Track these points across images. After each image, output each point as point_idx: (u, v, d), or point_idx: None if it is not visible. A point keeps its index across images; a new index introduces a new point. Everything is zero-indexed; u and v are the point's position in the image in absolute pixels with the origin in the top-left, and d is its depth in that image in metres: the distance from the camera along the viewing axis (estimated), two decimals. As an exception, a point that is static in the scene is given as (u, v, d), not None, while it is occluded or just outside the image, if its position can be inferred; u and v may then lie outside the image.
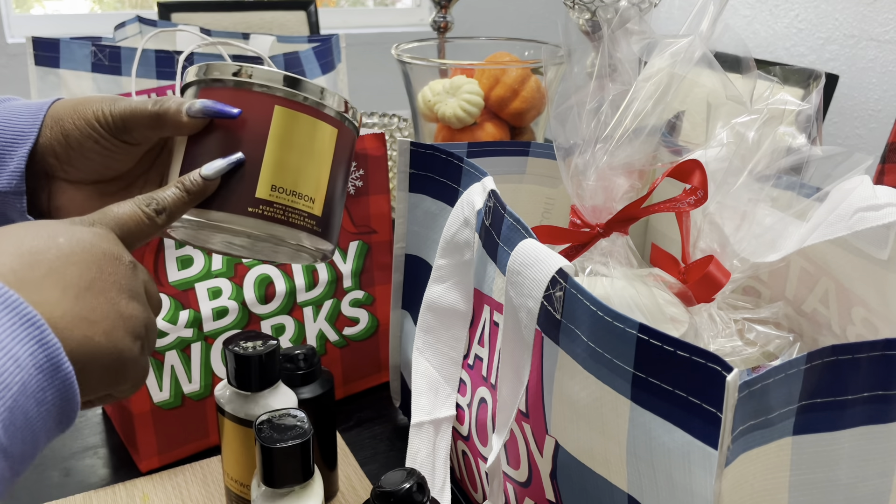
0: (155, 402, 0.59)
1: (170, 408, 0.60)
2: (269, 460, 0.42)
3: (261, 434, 0.42)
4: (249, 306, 0.62)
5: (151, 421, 0.59)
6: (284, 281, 0.63)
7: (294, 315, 0.65)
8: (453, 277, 0.53)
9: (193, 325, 0.59)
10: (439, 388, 0.54)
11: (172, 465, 0.61)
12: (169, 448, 0.61)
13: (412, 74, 0.99)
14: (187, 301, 0.59)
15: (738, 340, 0.48)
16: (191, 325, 0.59)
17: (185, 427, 0.61)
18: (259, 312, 0.63)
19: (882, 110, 1.85)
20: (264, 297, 0.62)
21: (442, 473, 0.52)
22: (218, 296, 0.60)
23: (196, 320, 0.59)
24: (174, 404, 0.60)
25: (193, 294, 0.59)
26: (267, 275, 0.63)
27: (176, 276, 0.59)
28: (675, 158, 0.56)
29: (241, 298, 0.61)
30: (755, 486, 0.34)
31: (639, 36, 0.53)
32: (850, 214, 0.42)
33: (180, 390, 0.60)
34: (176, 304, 0.58)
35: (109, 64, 1.05)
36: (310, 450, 0.43)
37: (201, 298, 0.60)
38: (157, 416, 0.59)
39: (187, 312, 0.59)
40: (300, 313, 0.65)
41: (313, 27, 1.96)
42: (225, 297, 0.61)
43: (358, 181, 0.66)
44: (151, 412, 0.59)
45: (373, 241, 0.68)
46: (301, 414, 0.44)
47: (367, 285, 0.69)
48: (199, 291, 0.60)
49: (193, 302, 0.59)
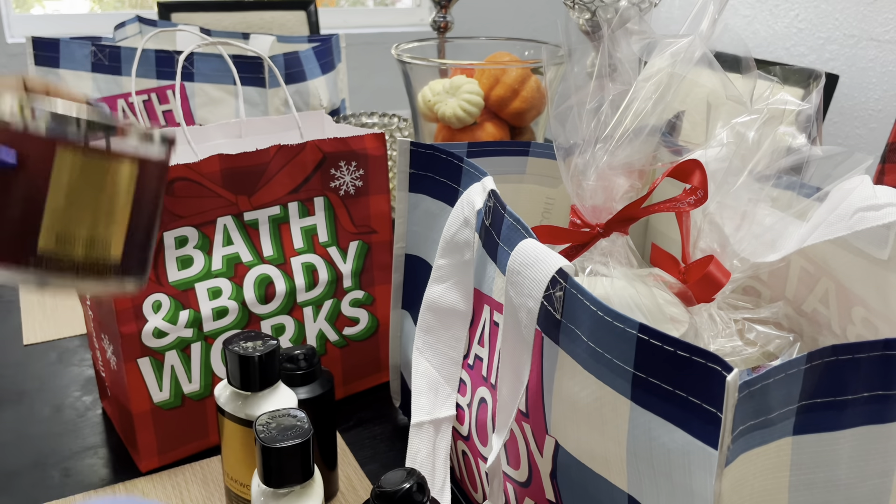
0: (155, 402, 0.59)
1: (170, 408, 0.60)
2: (269, 460, 0.42)
3: (261, 434, 0.42)
4: (249, 306, 0.62)
5: (151, 421, 0.59)
6: (284, 281, 0.63)
7: (294, 315, 0.65)
8: (453, 277, 0.53)
9: (193, 325, 0.59)
10: (439, 388, 0.54)
11: (172, 466, 0.61)
12: (169, 448, 0.61)
13: (412, 74, 0.99)
14: (187, 301, 0.59)
15: (738, 340, 0.48)
16: (191, 325, 0.59)
17: (185, 427, 0.61)
18: (259, 312, 0.63)
19: (882, 110, 1.85)
20: (264, 297, 0.62)
21: (442, 473, 0.52)
22: (218, 296, 0.60)
23: (196, 320, 0.59)
24: (174, 404, 0.60)
25: (193, 294, 0.59)
26: (267, 275, 0.63)
27: (176, 276, 0.59)
28: (675, 158, 0.56)
29: (241, 298, 0.61)
30: (755, 486, 0.34)
31: (639, 36, 0.53)
32: (850, 214, 0.42)
33: (180, 390, 0.60)
34: (176, 304, 0.58)
35: (109, 64, 1.05)
36: (310, 450, 0.43)
37: (201, 298, 0.60)
38: (156, 415, 0.59)
39: (187, 312, 0.59)
40: (300, 313, 0.65)
41: (313, 27, 1.96)
42: (225, 297, 0.61)
43: (358, 181, 0.66)
44: (151, 412, 0.59)
45: (373, 241, 0.68)
46: (301, 414, 0.44)
47: (367, 285, 0.69)
48: (199, 291, 0.59)
49: (193, 302, 0.59)
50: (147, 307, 0.57)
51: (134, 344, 0.57)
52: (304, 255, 0.65)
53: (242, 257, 0.62)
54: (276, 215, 0.63)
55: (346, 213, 0.66)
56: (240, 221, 0.61)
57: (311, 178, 0.64)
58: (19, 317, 0.84)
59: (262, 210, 0.62)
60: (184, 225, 0.58)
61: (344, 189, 0.66)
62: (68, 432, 0.65)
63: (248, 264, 0.62)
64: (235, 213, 0.61)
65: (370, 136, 0.66)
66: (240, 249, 0.62)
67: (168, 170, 0.42)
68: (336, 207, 0.66)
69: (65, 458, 0.62)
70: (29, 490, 0.58)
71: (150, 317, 0.57)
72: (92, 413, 0.67)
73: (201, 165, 0.58)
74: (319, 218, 0.65)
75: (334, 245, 0.66)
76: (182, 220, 0.58)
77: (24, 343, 0.78)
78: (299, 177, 0.63)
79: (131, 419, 0.59)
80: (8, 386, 0.71)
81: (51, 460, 0.61)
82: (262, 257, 0.63)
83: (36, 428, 0.65)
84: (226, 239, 0.61)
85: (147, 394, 0.59)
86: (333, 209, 0.66)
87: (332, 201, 0.65)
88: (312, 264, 0.65)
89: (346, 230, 0.67)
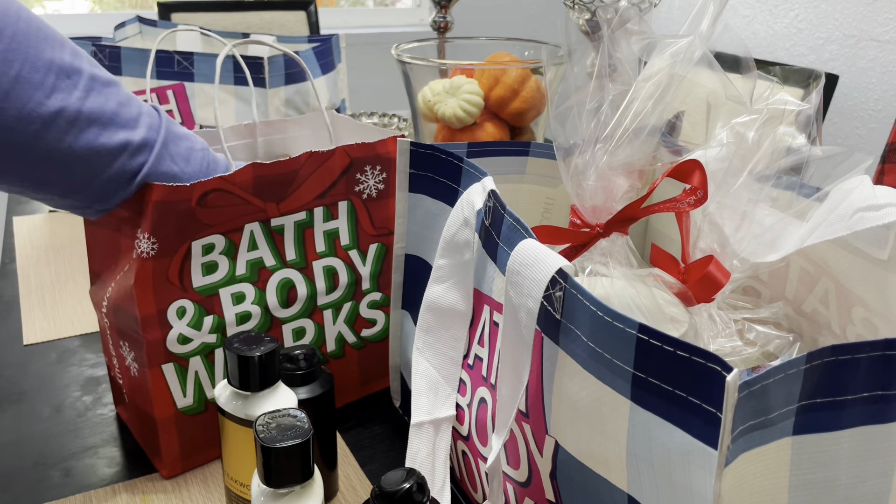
0: (179, 408, 0.59)
1: (193, 413, 0.60)
2: (269, 460, 0.42)
3: (260, 434, 0.42)
4: (272, 310, 0.62)
5: (175, 427, 0.59)
6: (306, 284, 0.63)
7: (314, 318, 0.65)
8: (453, 277, 0.53)
9: (217, 330, 0.59)
10: (439, 387, 0.54)
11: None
12: (192, 453, 0.60)
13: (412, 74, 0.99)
14: (211, 307, 0.58)
15: (738, 340, 0.48)
16: (215, 331, 0.59)
17: (208, 432, 0.61)
18: (281, 316, 0.62)
19: (882, 110, 1.85)
20: (286, 300, 0.62)
21: (442, 473, 0.52)
22: (241, 301, 0.60)
23: (220, 325, 0.59)
24: (197, 410, 0.60)
25: (217, 300, 0.59)
26: (289, 279, 0.62)
27: (200, 281, 0.58)
28: (675, 158, 0.56)
29: (264, 303, 0.61)
30: (755, 486, 0.34)
31: (639, 36, 0.53)
32: (850, 214, 0.42)
33: (204, 395, 0.60)
34: (200, 309, 0.58)
35: (109, 64, 1.05)
36: (310, 450, 0.43)
37: (225, 304, 0.59)
38: (180, 421, 0.59)
39: (211, 318, 0.58)
40: (320, 316, 0.65)
41: (313, 27, 1.96)
42: (248, 301, 0.60)
43: (380, 184, 0.66)
44: (175, 418, 0.59)
45: (390, 243, 0.68)
46: (301, 414, 0.44)
47: (384, 287, 0.69)
48: (222, 297, 0.59)
49: (217, 307, 0.59)
50: (171, 313, 0.56)
51: (158, 350, 0.56)
52: (325, 259, 0.64)
53: (266, 262, 0.61)
54: (301, 220, 0.63)
55: (368, 216, 0.66)
56: (266, 227, 0.61)
57: (337, 183, 0.63)
58: (19, 317, 0.84)
59: (290, 216, 0.62)
60: (213, 233, 0.57)
61: (367, 192, 0.66)
62: (68, 432, 0.65)
63: (272, 268, 0.61)
64: (263, 219, 0.60)
65: (392, 139, 0.66)
66: (264, 254, 0.61)
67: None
68: (358, 211, 0.66)
69: (65, 458, 0.62)
70: (29, 490, 0.58)
71: (175, 323, 0.57)
72: (92, 413, 0.67)
73: (235, 176, 0.57)
74: (342, 221, 0.65)
75: (355, 248, 0.66)
76: (211, 228, 0.57)
77: (24, 343, 0.78)
78: (327, 182, 0.63)
79: (154, 425, 0.58)
80: (8, 386, 0.71)
81: (51, 460, 0.61)
82: (285, 261, 0.62)
83: (36, 428, 0.65)
84: (251, 244, 0.60)
85: (171, 400, 0.58)
86: (356, 212, 0.66)
87: (355, 205, 0.65)
88: (333, 267, 0.65)
89: (366, 233, 0.67)
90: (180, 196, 0.54)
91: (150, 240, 0.54)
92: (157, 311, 0.56)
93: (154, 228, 0.54)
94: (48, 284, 0.90)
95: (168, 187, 0.53)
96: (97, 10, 2.47)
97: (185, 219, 0.55)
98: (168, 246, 0.55)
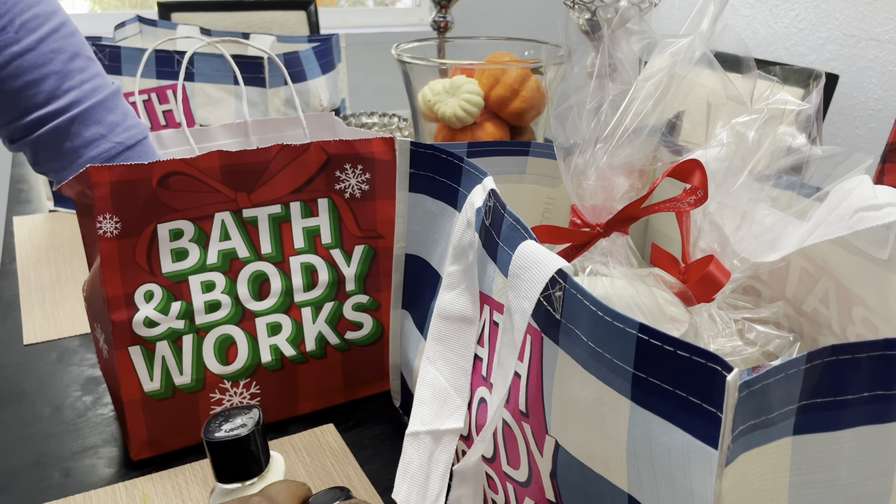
0: (146, 392, 0.59)
1: (161, 398, 0.60)
2: (217, 457, 0.43)
3: (207, 432, 0.43)
4: (243, 302, 0.62)
5: (142, 410, 0.60)
6: (281, 279, 0.63)
7: (291, 314, 0.65)
8: (463, 283, 0.52)
9: (185, 316, 0.60)
10: (447, 399, 0.52)
11: (165, 457, 0.61)
12: (160, 438, 0.61)
13: (412, 74, 0.99)
14: (180, 293, 0.59)
15: (738, 340, 0.48)
16: (182, 317, 0.59)
17: (177, 419, 0.61)
18: (254, 309, 0.63)
19: (882, 110, 1.85)
20: (258, 293, 0.63)
21: (437, 487, 0.50)
22: (211, 289, 0.61)
23: (188, 312, 0.60)
24: (165, 395, 0.60)
25: (187, 286, 0.60)
26: (262, 272, 0.63)
27: (170, 267, 0.59)
28: (675, 158, 0.56)
29: (235, 293, 0.62)
30: (755, 486, 0.34)
31: (639, 36, 0.53)
32: (850, 214, 0.42)
33: (171, 381, 0.60)
34: (168, 294, 0.59)
35: (109, 64, 1.05)
36: (257, 444, 0.44)
37: (194, 291, 0.60)
38: (147, 405, 0.60)
39: (179, 304, 0.59)
40: (298, 313, 0.65)
41: (313, 27, 1.96)
42: (218, 290, 0.61)
43: (364, 185, 0.66)
44: (142, 401, 0.59)
45: (379, 247, 0.68)
46: (254, 411, 0.45)
47: (372, 290, 0.68)
48: (192, 284, 0.60)
49: (186, 294, 0.60)
50: (139, 296, 0.58)
51: (124, 332, 0.58)
52: (303, 255, 0.65)
53: (239, 253, 0.62)
54: (276, 214, 0.63)
55: (352, 217, 0.66)
56: (238, 218, 0.61)
57: (314, 179, 0.64)
58: (19, 317, 0.84)
59: (263, 208, 0.62)
60: (179, 218, 0.59)
61: (349, 192, 0.66)
62: (68, 432, 0.65)
63: (245, 260, 0.62)
64: (234, 209, 0.61)
65: (378, 139, 0.66)
66: (237, 245, 0.62)
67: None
68: (341, 210, 0.66)
69: (65, 458, 0.62)
70: (29, 490, 0.58)
71: (142, 306, 0.58)
72: (92, 413, 0.67)
73: (199, 161, 0.59)
74: (323, 219, 0.65)
75: (338, 248, 0.66)
76: (177, 213, 0.59)
77: (24, 343, 0.78)
78: (302, 177, 0.63)
79: (122, 407, 0.60)
80: (8, 386, 0.71)
81: (51, 460, 0.61)
82: (260, 254, 0.63)
83: (36, 428, 0.65)
84: (223, 234, 0.61)
85: (138, 382, 0.59)
86: (338, 211, 0.66)
87: (336, 203, 0.65)
88: (312, 265, 0.65)
89: (350, 233, 0.66)
90: (138, 175, 0.57)
91: (112, 219, 0.56)
92: (123, 294, 0.57)
93: (116, 208, 0.56)
94: (48, 284, 0.90)
95: (124, 167, 0.56)
96: (97, 10, 2.47)
97: (148, 200, 0.57)
98: (132, 227, 0.57)
